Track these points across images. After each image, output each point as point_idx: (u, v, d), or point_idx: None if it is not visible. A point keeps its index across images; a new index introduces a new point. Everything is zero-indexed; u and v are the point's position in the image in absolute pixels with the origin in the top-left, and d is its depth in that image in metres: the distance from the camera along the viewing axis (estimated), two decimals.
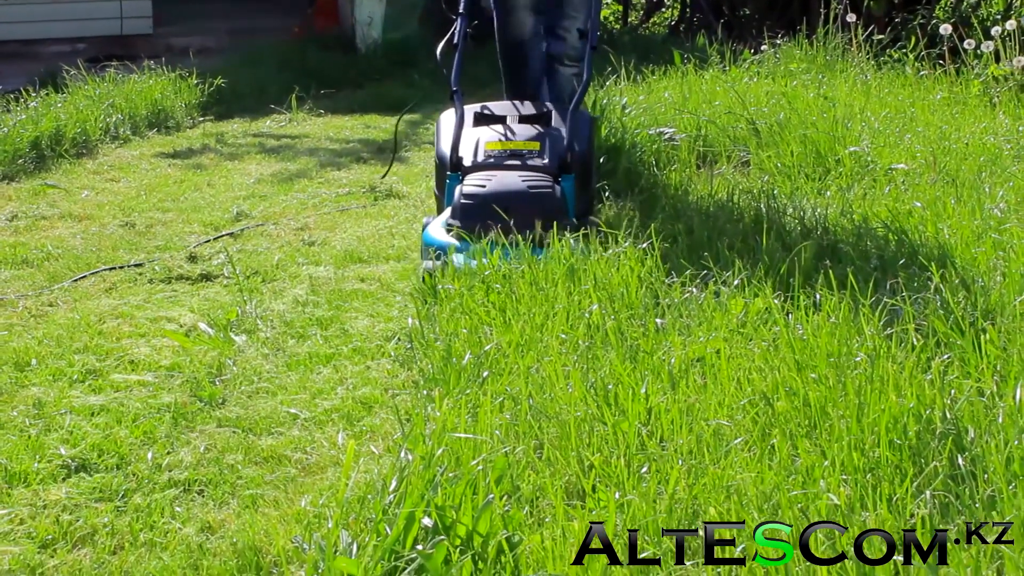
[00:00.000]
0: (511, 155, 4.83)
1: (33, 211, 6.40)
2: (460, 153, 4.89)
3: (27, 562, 2.78)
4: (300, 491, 3.10)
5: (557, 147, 4.85)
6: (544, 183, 4.61)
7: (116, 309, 4.65)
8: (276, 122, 9.45)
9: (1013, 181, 5.02)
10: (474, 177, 4.69)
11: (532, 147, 4.87)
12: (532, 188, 4.58)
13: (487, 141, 4.93)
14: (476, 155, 4.87)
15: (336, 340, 4.28)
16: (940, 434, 2.69)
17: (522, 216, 4.44)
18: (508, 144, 4.90)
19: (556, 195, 4.59)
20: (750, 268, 4.02)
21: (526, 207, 4.49)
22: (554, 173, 4.74)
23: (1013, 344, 3.17)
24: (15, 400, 3.74)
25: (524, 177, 4.64)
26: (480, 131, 5.02)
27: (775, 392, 3.00)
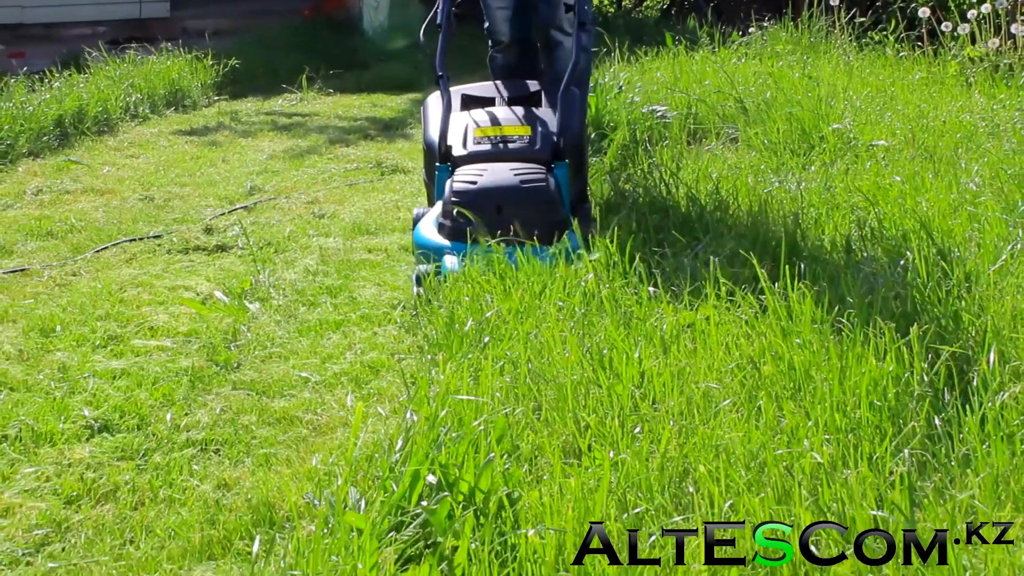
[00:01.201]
0: (501, 141, 4.44)
1: (57, 186, 6.39)
2: (449, 141, 4.50)
3: (53, 517, 2.78)
4: (311, 450, 3.10)
5: (549, 132, 4.48)
6: (537, 176, 4.23)
7: (136, 278, 4.65)
8: (287, 101, 9.43)
9: (987, 157, 5.01)
10: (464, 171, 4.30)
11: (522, 132, 4.47)
12: (525, 183, 4.20)
13: (476, 127, 4.53)
14: (465, 143, 4.47)
15: (345, 308, 4.27)
16: (918, 396, 2.69)
17: (516, 212, 4.10)
18: (497, 130, 4.49)
19: (550, 188, 4.22)
20: (739, 240, 4.02)
21: (519, 203, 4.14)
22: (547, 160, 4.38)
23: (987, 311, 3.17)
24: (41, 364, 3.74)
25: (516, 170, 4.25)
26: (468, 116, 4.61)
27: (761, 357, 2.99)
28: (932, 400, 2.69)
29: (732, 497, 2.31)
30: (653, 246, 4.21)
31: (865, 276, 3.52)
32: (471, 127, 4.52)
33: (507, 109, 4.66)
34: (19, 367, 3.71)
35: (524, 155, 4.36)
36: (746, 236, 4.10)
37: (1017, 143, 5.22)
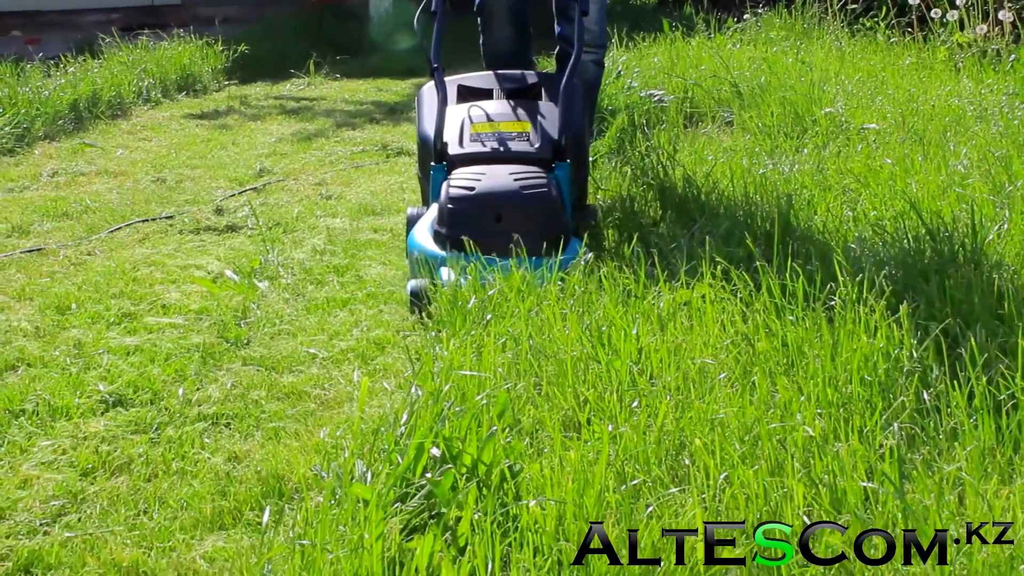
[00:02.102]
0: (500, 140, 4.05)
1: (72, 168, 6.39)
2: (445, 138, 4.10)
3: (69, 488, 2.79)
4: (319, 424, 3.10)
5: (549, 130, 4.09)
6: (538, 181, 3.84)
7: (149, 258, 4.64)
8: (295, 86, 9.43)
9: (975, 140, 4.99)
10: (461, 175, 3.91)
11: (522, 128, 4.09)
12: (525, 188, 3.82)
13: (473, 123, 4.13)
14: (462, 141, 4.08)
15: (351, 286, 4.27)
16: (907, 372, 2.69)
17: (515, 220, 3.74)
18: (496, 126, 4.11)
19: (552, 194, 3.83)
20: (734, 220, 4.01)
21: (519, 210, 3.78)
22: (547, 160, 4.01)
23: (975, 290, 3.16)
24: (57, 341, 3.74)
25: (516, 174, 3.86)
26: (465, 110, 4.22)
27: (756, 333, 2.99)
28: (921, 375, 2.68)
29: (727, 469, 2.31)
30: (650, 226, 4.21)
31: (856, 255, 3.51)
32: (468, 123, 4.14)
33: (506, 103, 4.28)
34: (36, 343, 3.71)
35: (524, 155, 4.01)
36: (741, 216, 4.09)
37: (1004, 126, 5.21)
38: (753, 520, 2.15)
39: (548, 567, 2.04)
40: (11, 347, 3.67)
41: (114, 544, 2.52)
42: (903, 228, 3.73)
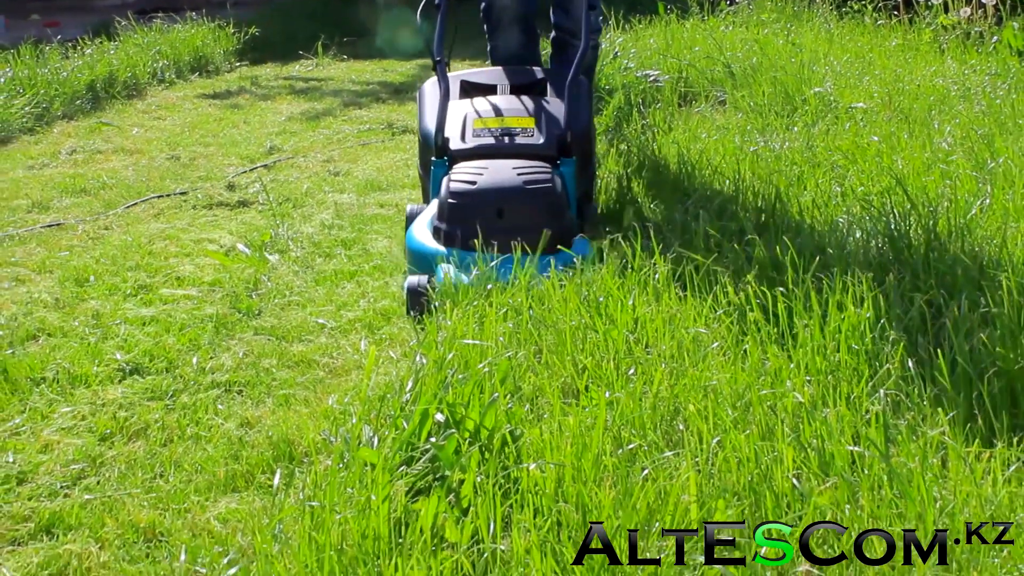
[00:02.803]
0: (503, 135, 3.79)
1: (90, 146, 6.38)
2: (446, 133, 3.85)
3: (88, 453, 2.79)
4: (327, 391, 3.10)
5: (554, 125, 3.84)
6: (542, 176, 3.59)
7: (164, 232, 4.64)
8: (304, 67, 9.40)
9: (959, 118, 4.98)
10: (462, 169, 3.66)
11: (526, 124, 3.82)
12: (529, 184, 3.56)
13: (475, 118, 3.88)
14: (464, 136, 3.82)
15: (359, 259, 4.27)
16: (893, 341, 2.68)
17: (518, 217, 3.52)
18: (499, 121, 3.85)
19: (556, 190, 3.59)
20: (727, 195, 4.00)
21: (522, 206, 3.54)
22: (552, 156, 3.77)
23: (958, 262, 3.15)
24: (76, 312, 3.73)
25: (519, 169, 3.61)
26: (467, 105, 3.96)
27: (747, 304, 2.99)
28: (906, 344, 2.68)
29: (719, 434, 2.31)
30: (647, 201, 4.20)
31: (844, 228, 3.51)
32: (470, 118, 3.88)
33: (510, 98, 4.02)
34: (56, 314, 3.71)
35: (528, 151, 3.74)
36: (734, 191, 4.08)
37: (986, 105, 5.19)
38: (744, 482, 2.15)
39: (548, 527, 2.04)
40: (32, 318, 3.67)
41: (131, 506, 2.52)
42: (890, 203, 3.72)
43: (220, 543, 2.33)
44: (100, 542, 2.39)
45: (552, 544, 1.99)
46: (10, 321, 3.63)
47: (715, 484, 2.18)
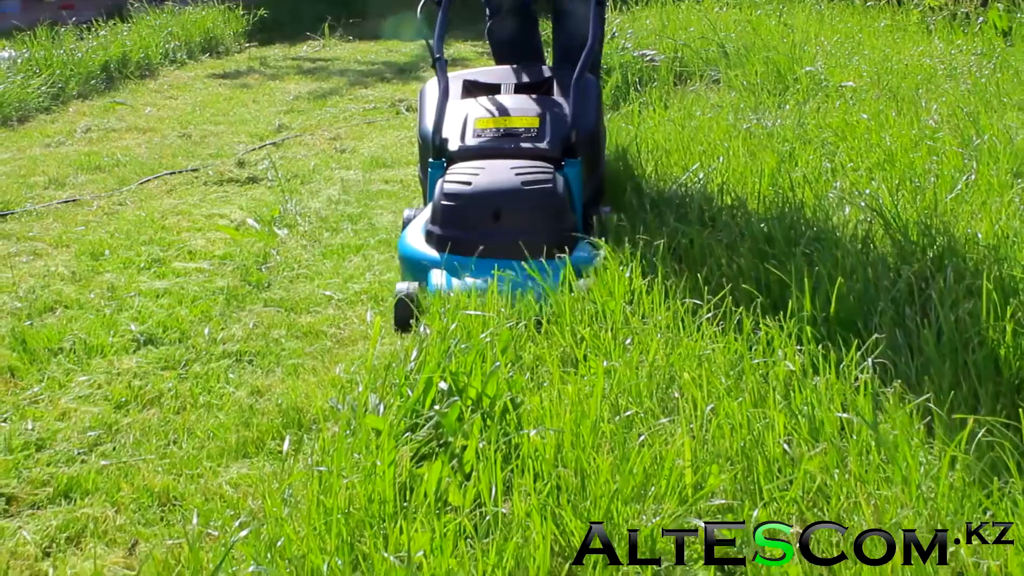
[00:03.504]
0: (504, 136, 3.49)
1: (104, 124, 6.36)
2: (444, 134, 3.55)
3: (104, 420, 2.79)
4: (335, 360, 3.10)
5: (559, 125, 3.53)
6: (543, 176, 3.29)
7: (176, 207, 4.63)
8: (311, 47, 9.37)
9: (945, 97, 4.96)
10: (459, 169, 3.37)
11: (529, 124, 3.53)
12: (528, 184, 3.26)
13: (477, 118, 3.58)
14: (464, 137, 3.52)
15: (364, 233, 4.26)
16: (881, 311, 2.68)
17: (516, 220, 3.22)
18: (501, 122, 3.55)
19: (558, 191, 3.28)
20: (721, 171, 3.99)
21: (521, 208, 3.24)
22: (557, 157, 3.45)
23: (944, 234, 3.15)
24: (92, 284, 3.73)
25: (519, 169, 3.31)
26: (469, 105, 3.66)
27: (741, 276, 2.98)
28: (894, 315, 2.68)
29: (713, 401, 2.31)
30: (645, 178, 4.19)
31: (834, 203, 3.50)
32: (471, 118, 3.59)
33: (513, 97, 3.71)
34: (72, 287, 3.70)
35: (530, 151, 3.45)
36: (727, 168, 4.07)
37: (972, 84, 5.17)
38: (737, 447, 2.15)
39: (547, 492, 2.04)
40: (50, 290, 3.66)
41: (146, 471, 2.52)
42: (878, 178, 3.71)
43: (232, 507, 2.33)
44: (116, 506, 2.40)
45: (552, 508, 1.99)
46: (28, 293, 3.63)
47: (709, 450, 2.18)
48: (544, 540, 1.85)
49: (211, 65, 8.60)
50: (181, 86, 7.68)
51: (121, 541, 2.27)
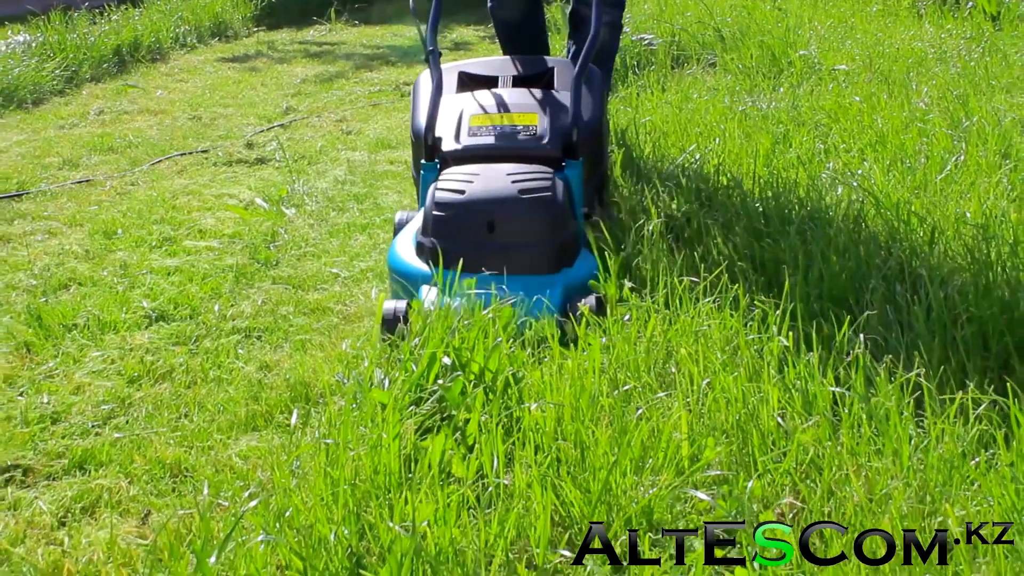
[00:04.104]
0: (501, 135, 3.18)
1: (116, 107, 6.34)
2: (438, 132, 3.25)
3: (117, 394, 2.79)
4: (341, 336, 3.10)
5: (560, 122, 3.21)
6: (541, 183, 2.97)
7: (187, 187, 4.62)
8: (318, 31, 9.33)
9: (935, 79, 4.94)
10: (451, 175, 3.04)
11: (528, 122, 3.21)
12: (525, 192, 2.94)
13: (472, 115, 3.27)
14: (458, 136, 3.21)
15: (370, 212, 4.25)
16: (872, 288, 2.67)
17: (512, 231, 2.91)
18: (498, 119, 3.23)
19: (557, 199, 2.96)
20: (718, 152, 3.98)
21: (517, 219, 2.92)
22: (557, 158, 3.16)
23: (934, 214, 3.14)
24: (105, 262, 3.72)
25: (516, 175, 2.99)
26: (464, 100, 3.35)
27: (736, 254, 2.98)
28: (885, 292, 2.67)
29: (710, 376, 2.31)
30: (643, 159, 4.18)
31: (827, 183, 3.49)
32: (466, 114, 3.27)
33: (511, 92, 3.39)
34: (86, 265, 3.70)
35: (529, 152, 3.15)
36: (723, 149, 4.05)
37: (961, 67, 5.15)
38: (732, 420, 2.15)
39: (548, 463, 2.04)
40: (64, 268, 3.66)
41: (158, 444, 2.52)
42: (870, 159, 3.70)
43: (241, 478, 2.33)
44: (129, 477, 2.40)
45: (552, 479, 1.99)
46: (43, 271, 3.62)
47: (705, 423, 2.18)
48: (545, 510, 1.85)
49: (220, 49, 8.57)
50: (191, 69, 7.65)
51: (134, 511, 2.27)
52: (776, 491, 2.00)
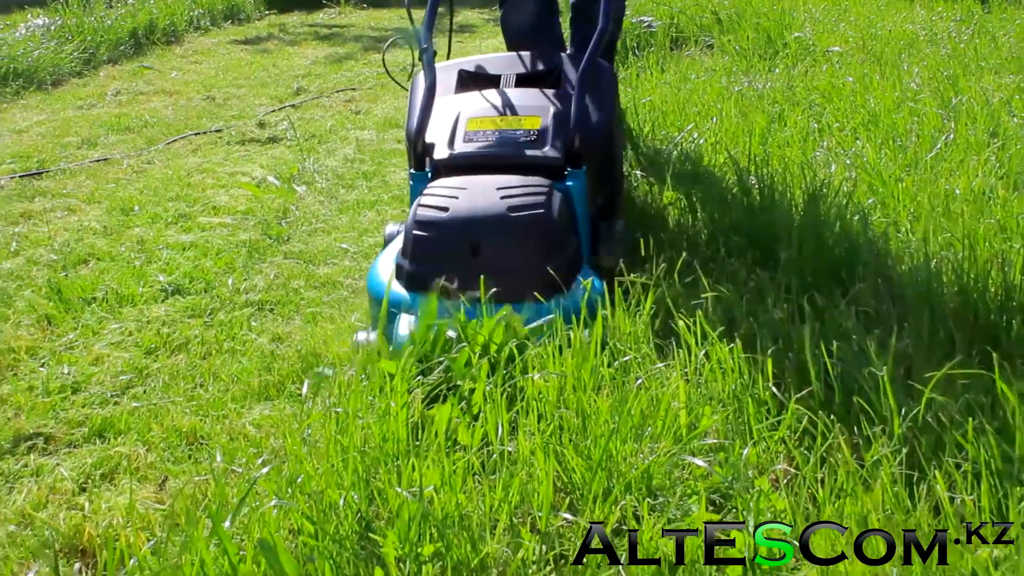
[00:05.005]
0: (500, 141, 2.74)
1: (133, 88, 6.33)
2: (430, 138, 2.81)
3: (135, 365, 2.79)
4: (350, 309, 3.09)
5: (562, 126, 2.77)
6: (533, 200, 2.51)
7: (201, 166, 4.61)
8: (327, 14, 9.29)
9: (926, 61, 4.92)
10: (436, 189, 2.59)
11: (530, 125, 2.78)
12: (515, 210, 2.48)
13: (469, 118, 2.84)
14: (452, 142, 2.78)
15: (378, 189, 4.24)
16: (865, 262, 2.67)
17: (498, 255, 2.45)
18: (497, 122, 2.80)
19: (550, 217, 2.51)
20: (715, 129, 3.97)
21: (504, 241, 2.47)
22: (559, 166, 2.71)
23: (923, 191, 3.13)
24: (122, 238, 3.72)
25: (506, 190, 2.53)
26: (461, 102, 2.94)
27: (733, 228, 2.97)
28: (877, 265, 2.66)
29: (707, 347, 2.30)
30: (642, 138, 4.16)
31: (820, 161, 3.48)
32: (464, 117, 2.85)
33: (513, 92, 2.96)
34: (104, 241, 3.69)
35: (527, 160, 2.71)
36: (720, 128, 4.04)
37: (951, 49, 5.12)
38: (729, 390, 2.15)
39: (551, 431, 2.04)
40: (83, 244, 3.66)
41: (175, 413, 2.52)
42: (863, 138, 3.68)
43: (255, 445, 2.33)
44: (147, 444, 2.40)
45: (554, 446, 1.99)
46: (63, 247, 3.62)
47: (702, 392, 2.17)
48: (547, 476, 1.85)
49: (233, 32, 8.54)
50: (205, 51, 7.63)
51: (152, 477, 2.28)
52: (771, 458, 2.00)
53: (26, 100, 6.12)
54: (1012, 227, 2.77)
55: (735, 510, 1.86)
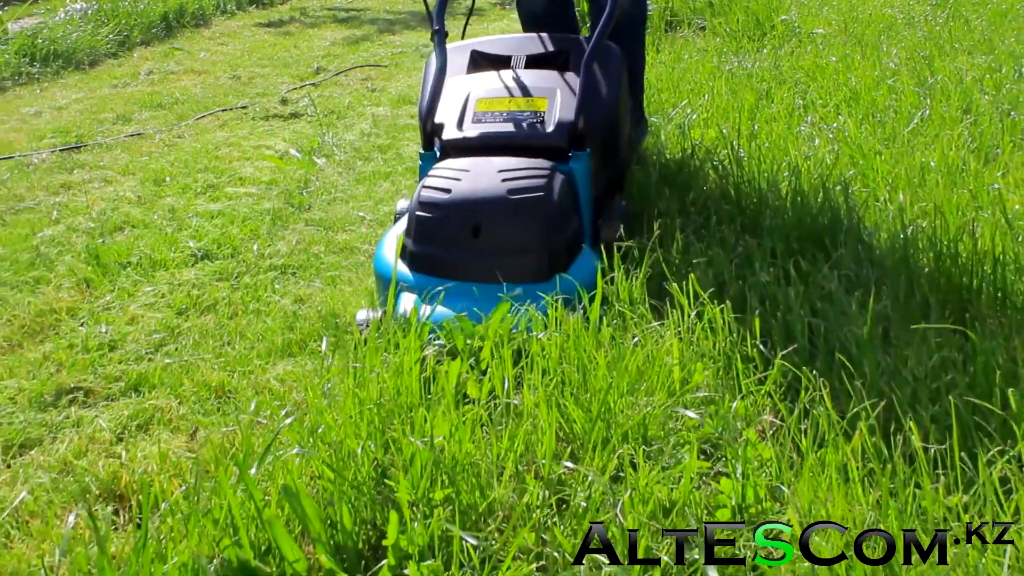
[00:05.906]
0: (507, 121, 2.63)
1: (164, 68, 6.29)
2: (439, 118, 2.71)
3: (168, 324, 2.78)
4: (367, 273, 3.08)
5: (567, 109, 2.65)
6: (534, 182, 2.42)
7: (228, 140, 4.59)
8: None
9: (904, 42, 4.87)
10: (441, 171, 2.50)
11: (538, 107, 2.66)
12: (515, 192, 2.39)
13: (478, 98, 2.73)
14: (461, 123, 2.67)
15: (393, 161, 4.22)
16: (846, 230, 2.65)
17: (499, 236, 2.37)
18: (505, 103, 2.68)
19: (551, 199, 2.41)
20: (706, 107, 3.94)
21: (505, 221, 2.38)
22: (563, 148, 2.60)
23: (900, 164, 3.10)
24: (155, 207, 3.71)
25: (507, 172, 2.44)
26: (471, 83, 2.82)
27: (723, 197, 2.95)
28: (856, 233, 2.65)
29: (699, 308, 2.29)
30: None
31: (805, 135, 3.45)
32: (474, 98, 2.74)
33: (524, 73, 2.83)
34: (138, 209, 3.68)
35: (532, 142, 2.60)
36: (712, 104, 4.01)
37: (927, 31, 5.08)
38: (719, 347, 2.14)
39: (553, 385, 2.03)
40: (119, 212, 3.64)
41: (204, 368, 2.52)
42: (844, 114, 3.65)
43: (278, 398, 2.33)
44: (179, 398, 2.40)
45: (557, 399, 1.98)
46: (100, 215, 3.61)
47: (694, 349, 2.16)
48: (550, 427, 1.84)
49: (257, 15, 8.49)
50: (231, 34, 7.58)
51: (184, 428, 2.28)
52: (758, 410, 1.99)
53: (65, 79, 6.09)
54: (983, 197, 2.75)
55: (724, 459, 1.85)
